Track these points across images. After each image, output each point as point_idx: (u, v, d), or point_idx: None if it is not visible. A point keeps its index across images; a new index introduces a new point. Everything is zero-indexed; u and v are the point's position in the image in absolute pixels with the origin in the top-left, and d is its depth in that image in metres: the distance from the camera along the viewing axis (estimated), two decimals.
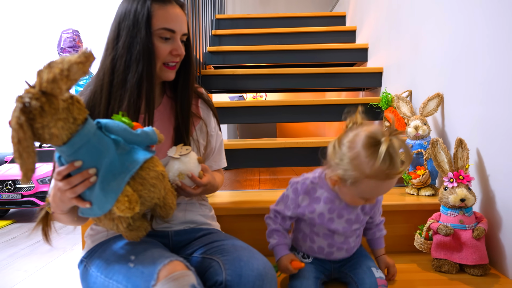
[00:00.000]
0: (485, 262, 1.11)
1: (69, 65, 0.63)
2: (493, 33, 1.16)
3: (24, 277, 1.91)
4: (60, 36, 3.30)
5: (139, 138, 0.79)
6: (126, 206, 0.73)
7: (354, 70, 2.37)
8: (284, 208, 1.02)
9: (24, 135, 0.63)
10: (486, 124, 1.19)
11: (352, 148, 0.83)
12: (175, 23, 0.98)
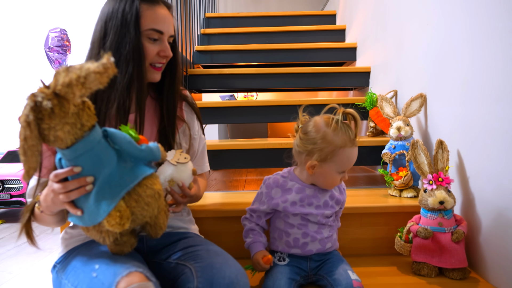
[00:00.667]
0: (464, 266, 1.09)
1: (87, 73, 0.62)
2: (472, 33, 1.14)
3: (8, 278, 1.88)
4: (48, 35, 3.26)
5: (142, 153, 0.78)
6: (117, 221, 0.72)
7: (342, 70, 2.35)
8: (259, 204, 1.07)
9: (31, 133, 0.63)
10: (466, 125, 1.17)
11: (318, 130, 0.97)
12: (163, 24, 0.96)
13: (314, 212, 1.03)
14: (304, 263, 1.05)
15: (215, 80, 2.41)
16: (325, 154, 0.96)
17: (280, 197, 1.03)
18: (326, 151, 0.96)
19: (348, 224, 1.28)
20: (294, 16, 3.25)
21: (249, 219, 1.09)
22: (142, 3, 0.94)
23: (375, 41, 2.16)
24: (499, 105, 1.00)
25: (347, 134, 0.96)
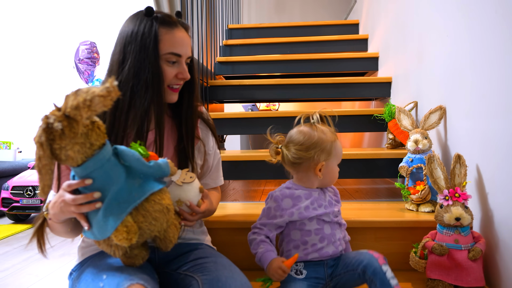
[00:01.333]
0: (481, 285, 1.06)
1: (92, 97, 0.66)
2: (489, 46, 1.11)
3: (35, 281, 1.97)
4: (78, 47, 3.41)
5: (151, 169, 0.81)
6: (124, 236, 0.74)
7: (363, 80, 2.34)
8: (269, 219, 1.06)
9: (44, 153, 0.68)
10: (485, 139, 1.14)
11: (312, 136, 1.04)
12: (181, 48, 0.98)
13: (327, 211, 1.05)
14: (321, 270, 1.03)
15: (236, 91, 2.44)
16: (327, 152, 1.04)
17: (293, 207, 1.04)
18: (327, 150, 1.04)
19: (362, 238, 1.26)
20: (317, 26, 3.26)
21: (258, 232, 1.06)
22: (161, 27, 0.95)
23: (396, 51, 2.13)
24: None
25: (330, 130, 1.07)
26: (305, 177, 1.07)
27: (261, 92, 2.43)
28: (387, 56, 2.36)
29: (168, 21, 0.97)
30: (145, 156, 0.82)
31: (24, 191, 3.18)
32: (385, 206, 1.47)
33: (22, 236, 2.86)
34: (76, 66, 3.52)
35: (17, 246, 2.60)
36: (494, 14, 1.09)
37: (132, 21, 0.98)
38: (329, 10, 4.45)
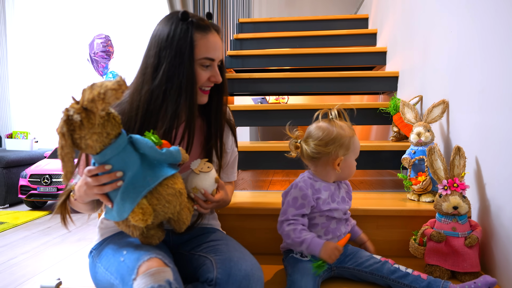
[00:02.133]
0: (476, 270, 1.11)
1: (105, 90, 0.73)
2: (490, 43, 1.15)
3: (54, 262, 2.07)
4: (93, 40, 3.50)
5: (163, 156, 0.87)
6: (140, 217, 0.81)
7: (371, 74, 2.37)
8: (298, 208, 1.07)
9: (65, 142, 0.75)
10: (484, 132, 1.18)
11: (331, 131, 1.07)
12: (214, 52, 1.01)
13: (339, 207, 1.11)
14: None
15: (246, 84, 2.49)
16: (346, 147, 1.08)
17: (313, 196, 1.08)
18: (345, 145, 1.07)
19: (364, 226, 1.31)
20: (326, 20, 3.28)
21: (294, 223, 1.06)
22: (196, 32, 0.98)
23: (403, 46, 2.16)
24: None
25: (348, 125, 1.11)
26: (323, 171, 1.11)
27: (271, 85, 2.47)
28: (394, 51, 2.39)
29: (203, 25, 1.00)
30: (158, 144, 0.88)
31: (41, 179, 3.29)
32: (388, 196, 1.52)
33: (40, 222, 2.98)
34: (90, 58, 3.61)
35: (36, 231, 2.71)
36: (495, 12, 1.12)
37: (167, 24, 1.00)
38: (339, 4, 4.45)
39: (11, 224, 2.87)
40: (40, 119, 4.78)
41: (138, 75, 1.02)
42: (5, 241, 2.49)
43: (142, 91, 0.99)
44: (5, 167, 3.51)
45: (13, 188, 3.55)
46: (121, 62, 4.11)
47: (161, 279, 0.78)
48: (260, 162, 1.81)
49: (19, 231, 2.73)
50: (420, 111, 1.76)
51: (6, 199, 3.49)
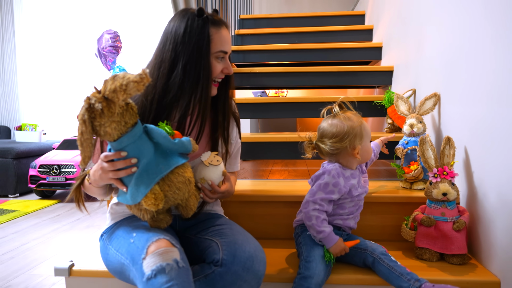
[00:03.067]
0: (463, 252, 1.15)
1: (127, 82, 0.75)
2: (478, 39, 1.17)
3: (64, 248, 2.11)
4: (102, 35, 3.50)
5: (175, 146, 0.91)
6: (152, 202, 0.84)
7: (367, 69, 2.39)
8: (328, 194, 1.11)
9: (86, 129, 0.78)
10: (473, 123, 1.21)
11: (342, 126, 1.12)
12: (227, 45, 1.05)
13: (364, 191, 1.18)
14: None
15: (247, 78, 2.51)
16: (360, 136, 1.12)
17: (346, 184, 1.13)
18: (359, 134, 1.12)
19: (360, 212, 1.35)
20: (325, 16, 3.29)
21: (319, 209, 1.09)
22: (212, 27, 1.02)
23: (398, 42, 2.19)
24: (501, 105, 1.04)
25: (354, 114, 1.16)
26: (345, 161, 1.16)
27: (270, 79, 2.49)
28: (389, 46, 2.41)
29: (217, 21, 1.04)
30: (171, 134, 0.92)
31: (50, 169, 3.32)
32: (382, 184, 1.56)
33: (50, 210, 3.02)
34: (99, 53, 3.62)
35: (46, 218, 2.75)
36: (484, 9, 1.15)
37: (182, 20, 1.02)
38: (337, 1, 4.45)
39: (22, 212, 2.91)
40: (48, 112, 4.80)
41: (153, 70, 1.03)
42: (16, 228, 2.53)
43: (158, 85, 1.01)
44: (15, 158, 3.54)
45: (23, 178, 3.59)
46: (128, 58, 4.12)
47: (169, 258, 0.82)
48: (260, 152, 1.85)
49: (29, 218, 2.77)
50: (413, 103, 1.79)
51: (16, 189, 3.53)
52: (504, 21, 1.03)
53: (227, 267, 0.90)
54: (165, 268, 0.80)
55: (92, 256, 1.26)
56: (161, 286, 0.78)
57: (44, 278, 1.67)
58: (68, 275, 1.18)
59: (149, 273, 0.80)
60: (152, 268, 0.80)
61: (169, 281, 0.78)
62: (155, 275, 0.79)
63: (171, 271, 0.80)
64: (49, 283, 1.62)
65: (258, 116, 2.26)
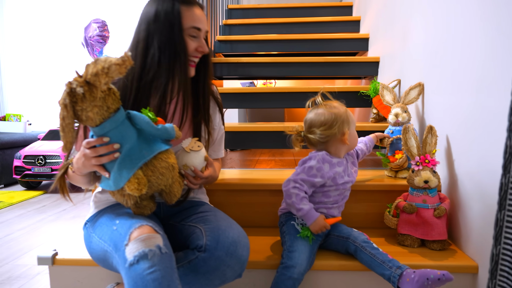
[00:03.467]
0: (443, 238, 1.17)
1: (109, 65, 0.74)
2: (460, 30, 1.18)
3: (49, 238, 2.09)
4: (90, 24, 3.42)
5: (158, 132, 0.90)
6: (135, 186, 0.84)
7: (353, 60, 2.40)
8: (310, 177, 1.12)
9: (67, 114, 0.77)
10: (454, 112, 1.23)
11: (329, 114, 1.13)
12: (200, 22, 1.04)
13: (350, 179, 1.18)
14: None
15: (235, 68, 2.49)
16: (347, 121, 1.14)
17: (330, 171, 1.13)
18: (345, 120, 1.14)
19: None
20: (313, 7, 3.27)
21: (299, 188, 1.10)
22: (182, 5, 1.02)
23: (384, 33, 2.19)
24: (480, 94, 1.06)
25: (337, 102, 1.18)
26: (334, 149, 1.16)
27: (258, 70, 2.48)
28: (376, 37, 2.42)
29: (187, 0, 1.04)
30: (154, 121, 0.91)
31: (35, 160, 3.27)
32: (367, 173, 1.57)
33: (35, 201, 2.98)
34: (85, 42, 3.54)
35: (31, 209, 2.72)
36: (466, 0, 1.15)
37: (154, 2, 1.03)
38: None
39: (6, 203, 2.86)
40: (34, 102, 4.71)
41: (131, 50, 1.04)
42: (1, 218, 2.49)
43: (136, 63, 1.01)
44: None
45: (8, 169, 3.52)
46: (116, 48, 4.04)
47: (151, 244, 0.81)
48: (247, 142, 1.84)
49: (14, 209, 2.73)
50: (398, 93, 1.80)
51: (1, 180, 3.47)
52: (485, 13, 1.03)
53: (210, 252, 0.90)
54: (148, 254, 0.79)
55: (76, 245, 1.24)
56: (143, 272, 0.77)
57: (29, 268, 1.65)
58: (51, 264, 1.17)
59: (132, 259, 0.79)
60: (134, 254, 0.80)
61: (151, 266, 0.78)
62: (137, 261, 0.79)
63: (153, 257, 0.79)
64: (33, 273, 1.60)
65: (246, 106, 2.26)
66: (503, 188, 0.81)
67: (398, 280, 0.96)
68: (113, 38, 3.79)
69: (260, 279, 1.13)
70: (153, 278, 0.77)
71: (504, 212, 0.80)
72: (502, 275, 0.81)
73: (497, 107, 0.95)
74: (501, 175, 0.83)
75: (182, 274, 0.91)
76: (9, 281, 1.53)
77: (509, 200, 0.79)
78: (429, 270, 0.92)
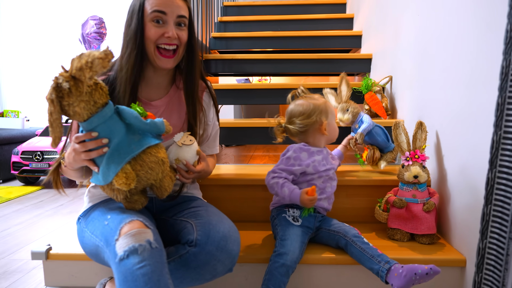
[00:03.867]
0: (432, 232, 1.17)
1: (93, 59, 0.73)
2: (450, 27, 1.17)
3: (46, 233, 2.07)
4: (87, 21, 3.37)
5: (147, 126, 0.89)
6: (123, 181, 0.82)
7: (346, 56, 2.38)
8: (288, 166, 1.14)
9: (54, 109, 0.76)
10: (444, 108, 1.22)
11: (307, 105, 1.16)
12: (165, 6, 0.98)
13: (332, 167, 1.20)
14: (312, 220, 1.15)
15: (230, 65, 2.47)
16: (325, 112, 1.17)
17: (308, 159, 1.15)
18: (324, 110, 1.16)
19: (335, 195, 1.35)
20: (307, 4, 3.25)
21: (277, 176, 1.13)
22: None
23: (376, 30, 2.18)
24: (469, 90, 1.05)
25: (318, 95, 1.22)
26: (314, 139, 1.18)
27: (253, 66, 2.46)
28: (369, 35, 2.41)
29: None
30: (143, 115, 0.90)
31: (33, 155, 3.24)
32: (358, 168, 1.57)
33: (33, 196, 2.95)
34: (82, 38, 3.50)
35: (28, 204, 2.69)
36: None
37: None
38: None
39: (4, 198, 2.84)
40: (31, 99, 4.67)
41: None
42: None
43: (116, 62, 1.03)
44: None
45: (6, 165, 3.49)
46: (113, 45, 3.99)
47: (141, 239, 0.80)
48: (242, 137, 1.83)
49: (12, 204, 2.71)
50: (390, 90, 1.80)
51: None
52: (475, 11, 1.03)
53: (201, 247, 0.89)
54: (138, 249, 0.78)
55: (70, 240, 1.23)
56: (133, 267, 0.77)
57: (24, 263, 1.64)
58: (45, 259, 1.16)
59: (122, 254, 0.78)
60: (124, 249, 0.79)
61: (141, 261, 0.77)
62: (127, 255, 0.78)
63: (143, 251, 0.78)
64: (29, 267, 1.59)
65: (241, 102, 2.24)
66: (490, 182, 0.81)
67: (386, 275, 0.96)
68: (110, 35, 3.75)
69: (252, 272, 1.13)
70: (143, 273, 0.76)
71: (491, 207, 0.80)
72: (488, 269, 0.81)
73: (485, 103, 0.95)
74: (488, 170, 0.83)
75: (173, 269, 0.91)
76: (4, 276, 1.52)
77: (495, 195, 0.79)
78: (417, 265, 0.92)
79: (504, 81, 0.77)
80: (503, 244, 0.76)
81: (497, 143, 0.79)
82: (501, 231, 0.77)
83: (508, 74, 0.76)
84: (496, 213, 0.79)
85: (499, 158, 0.78)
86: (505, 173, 0.78)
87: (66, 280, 1.18)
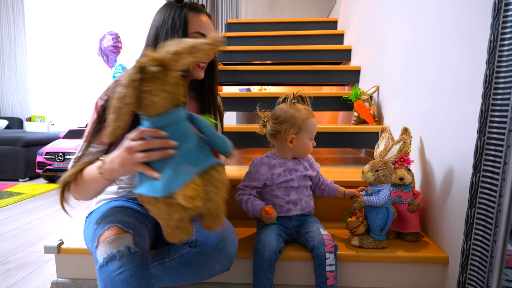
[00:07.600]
0: (417, 231, 1.11)
1: (198, 44, 0.58)
2: (433, 39, 1.12)
3: (63, 226, 2.02)
4: (104, 36, 3.34)
5: (219, 140, 0.71)
6: (191, 193, 0.61)
7: (338, 68, 2.33)
8: (250, 181, 1.09)
9: (132, 92, 0.58)
10: (427, 115, 1.17)
11: (286, 112, 1.04)
12: (206, 29, 0.95)
13: (295, 178, 1.06)
14: (288, 222, 1.08)
15: (232, 75, 2.43)
16: (298, 127, 1.03)
17: (268, 172, 1.06)
18: (297, 125, 1.03)
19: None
20: (302, 22, 3.20)
21: (242, 193, 1.09)
22: (190, 11, 0.93)
23: (364, 45, 2.13)
24: (451, 98, 0.99)
25: (306, 109, 1.05)
26: (281, 148, 1.08)
27: (253, 77, 2.42)
28: (358, 49, 2.35)
29: (196, 7, 0.95)
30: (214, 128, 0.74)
31: (55, 156, 3.20)
32: (350, 170, 1.51)
33: (54, 193, 2.91)
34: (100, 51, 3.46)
35: (50, 200, 2.65)
36: (436, 15, 1.09)
37: (163, 10, 0.95)
38: (314, 8, 4.35)
39: (29, 195, 2.79)
40: (56, 105, 4.65)
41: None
42: (22, 208, 2.42)
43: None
44: (25, 146, 3.40)
45: (32, 164, 3.45)
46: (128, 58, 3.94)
47: (119, 245, 0.74)
48: (244, 141, 1.78)
49: (35, 200, 2.66)
50: (377, 99, 1.74)
51: (25, 173, 3.40)
52: (457, 24, 0.97)
53: (200, 248, 0.84)
54: (116, 255, 0.72)
55: (81, 235, 1.17)
56: (112, 274, 0.71)
57: (41, 255, 1.59)
58: (57, 253, 1.10)
59: (101, 261, 0.73)
60: (103, 256, 0.73)
61: (120, 267, 0.71)
62: (106, 262, 0.72)
63: (122, 257, 0.72)
64: (45, 259, 1.53)
65: (243, 109, 2.19)
66: (474, 186, 0.74)
67: None
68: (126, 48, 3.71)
69: (248, 268, 1.06)
70: (122, 279, 0.70)
71: (475, 210, 0.74)
72: (472, 269, 0.75)
73: (469, 110, 0.89)
74: (472, 174, 0.77)
75: (174, 267, 0.85)
76: (22, 266, 1.47)
77: (479, 198, 0.73)
78: None
79: (488, 89, 0.71)
80: (487, 246, 0.70)
81: (481, 149, 0.73)
82: (485, 233, 0.71)
83: (492, 82, 0.70)
84: (480, 216, 0.73)
85: (483, 163, 0.72)
86: (488, 177, 0.72)
87: (76, 273, 1.12)
